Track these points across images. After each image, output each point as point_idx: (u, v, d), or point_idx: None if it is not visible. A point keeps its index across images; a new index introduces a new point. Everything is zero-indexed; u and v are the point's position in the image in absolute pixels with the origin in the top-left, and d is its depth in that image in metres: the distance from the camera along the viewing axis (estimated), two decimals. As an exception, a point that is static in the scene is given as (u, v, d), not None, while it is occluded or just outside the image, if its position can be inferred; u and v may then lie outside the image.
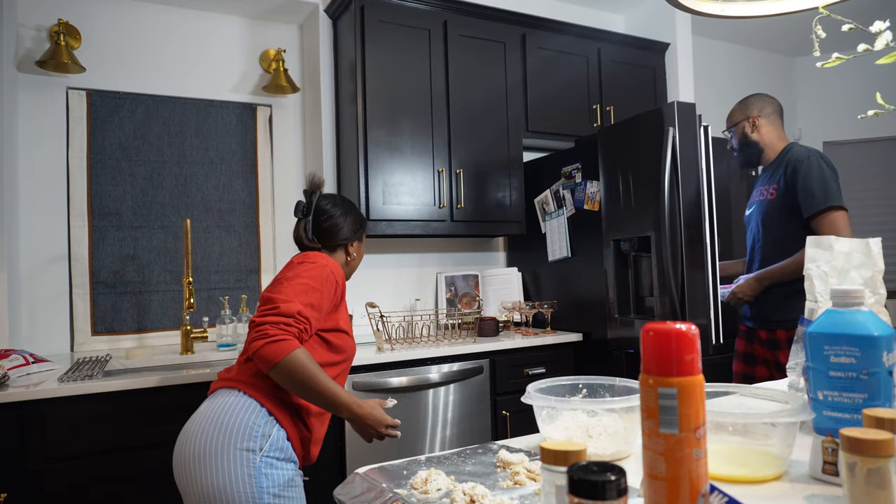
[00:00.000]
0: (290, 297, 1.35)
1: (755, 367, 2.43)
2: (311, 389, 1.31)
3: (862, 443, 0.59)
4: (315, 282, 1.41)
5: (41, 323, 2.39)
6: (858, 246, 1.09)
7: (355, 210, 1.71)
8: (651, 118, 2.33)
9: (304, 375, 1.29)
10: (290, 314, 1.32)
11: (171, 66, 2.69)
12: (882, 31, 1.04)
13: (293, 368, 1.28)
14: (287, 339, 1.28)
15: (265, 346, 1.27)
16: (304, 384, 1.30)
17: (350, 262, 1.70)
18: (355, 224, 1.68)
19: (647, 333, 0.61)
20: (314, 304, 1.39)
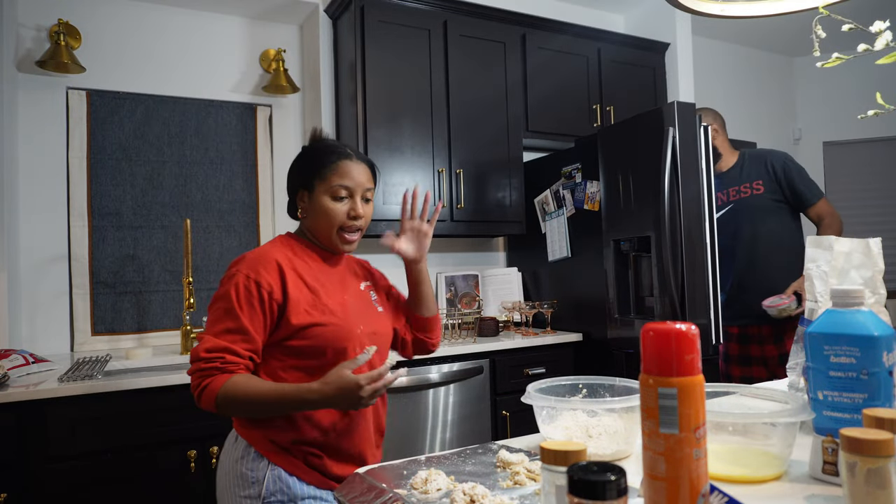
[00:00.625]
0: (205, 334, 1.19)
1: (752, 367, 2.44)
2: (262, 408, 1.14)
3: (862, 443, 0.59)
4: (225, 301, 1.18)
5: (41, 323, 2.39)
6: (858, 246, 1.09)
7: (309, 150, 1.33)
8: (651, 118, 2.33)
9: (244, 405, 1.13)
10: (198, 357, 1.16)
11: (172, 66, 2.69)
12: (882, 31, 1.04)
13: (229, 405, 1.13)
14: (207, 384, 1.13)
15: (197, 398, 1.16)
16: (251, 410, 1.15)
17: (306, 220, 1.32)
18: (299, 168, 1.33)
19: (647, 333, 0.61)
20: (232, 328, 1.17)
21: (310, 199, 1.29)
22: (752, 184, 2.45)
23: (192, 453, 1.87)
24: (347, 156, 1.29)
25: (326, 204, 1.27)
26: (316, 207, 1.28)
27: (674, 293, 2.23)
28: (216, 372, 1.14)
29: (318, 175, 1.27)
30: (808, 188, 2.41)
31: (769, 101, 4.34)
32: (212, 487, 1.91)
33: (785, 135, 4.41)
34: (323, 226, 1.28)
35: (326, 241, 1.30)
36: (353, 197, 1.28)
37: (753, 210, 2.43)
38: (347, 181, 1.27)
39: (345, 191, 1.27)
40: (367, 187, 1.31)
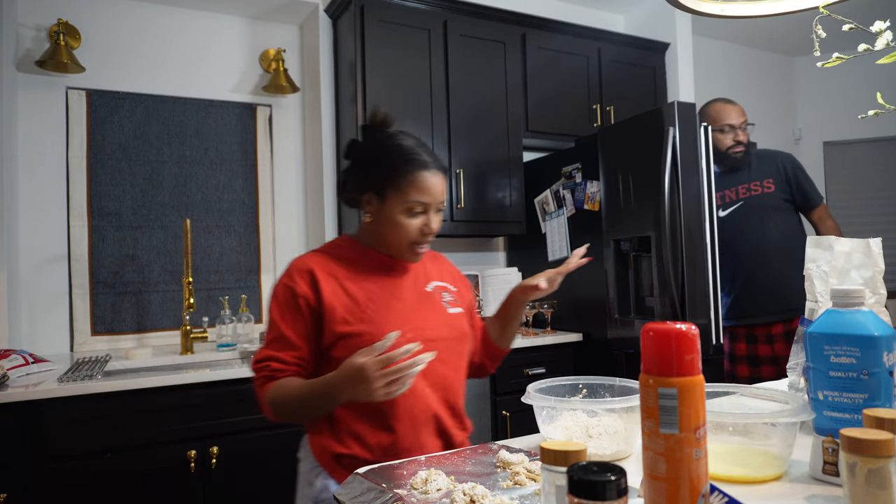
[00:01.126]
0: (266, 339, 1.21)
1: (761, 367, 2.42)
2: (302, 407, 1.11)
3: (862, 443, 0.59)
4: (271, 312, 1.19)
5: (41, 323, 2.39)
6: (858, 246, 1.09)
7: (382, 148, 1.21)
8: (651, 118, 2.33)
9: (287, 406, 1.11)
10: (251, 370, 1.19)
11: (171, 65, 2.69)
12: (882, 31, 1.04)
13: (279, 409, 1.12)
14: (260, 393, 1.15)
15: (261, 409, 1.16)
16: (296, 411, 1.12)
17: (371, 224, 1.22)
18: (368, 167, 1.21)
19: (647, 333, 0.61)
20: (276, 337, 1.17)
21: (379, 207, 1.19)
22: (763, 182, 2.44)
23: (191, 453, 1.87)
24: (426, 165, 1.17)
25: (399, 219, 1.17)
26: (386, 218, 1.19)
27: (674, 293, 2.23)
28: (265, 381, 1.15)
29: (393, 184, 1.17)
30: (814, 190, 2.44)
31: (769, 101, 4.34)
32: (211, 487, 1.91)
33: (785, 135, 4.41)
34: (392, 239, 1.20)
35: (394, 251, 1.23)
36: (428, 212, 1.19)
37: (763, 208, 2.42)
38: (425, 197, 1.17)
39: (421, 206, 1.17)
40: (441, 200, 1.21)
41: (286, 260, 2.86)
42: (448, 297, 1.29)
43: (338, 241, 1.29)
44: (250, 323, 2.54)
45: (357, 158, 1.25)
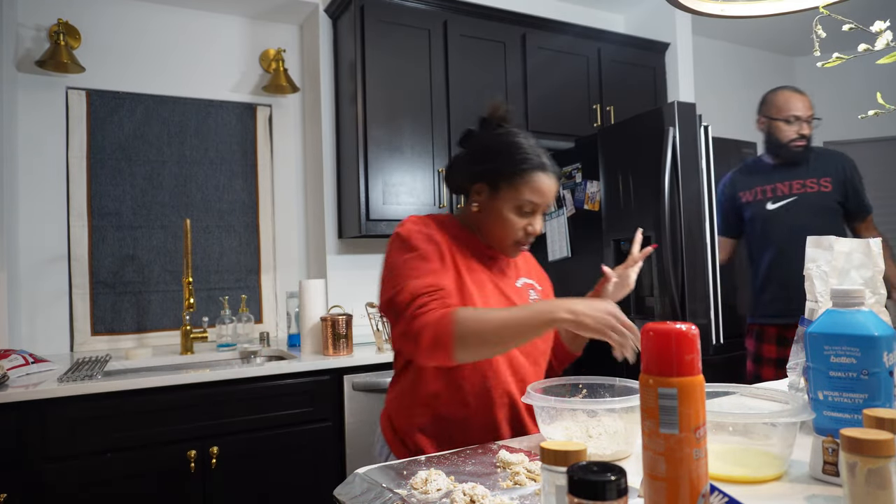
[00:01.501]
0: (402, 281, 1.09)
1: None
2: (501, 329, 1.01)
3: (862, 443, 0.59)
4: (415, 253, 1.12)
5: (41, 323, 2.39)
6: (858, 246, 1.09)
7: (502, 142, 1.20)
8: (651, 118, 2.33)
9: (482, 330, 1.01)
10: (416, 294, 1.05)
11: (171, 65, 2.69)
12: (882, 31, 1.04)
13: (467, 335, 1.00)
14: (437, 317, 1.02)
15: (418, 334, 1.02)
16: (489, 335, 1.01)
17: (477, 214, 1.22)
18: (485, 157, 1.20)
19: (647, 333, 0.61)
20: (431, 270, 1.10)
21: (489, 199, 1.20)
22: (820, 180, 2.32)
23: (191, 453, 1.87)
24: (543, 168, 1.18)
25: (508, 215, 1.18)
26: (495, 211, 1.19)
27: (674, 293, 2.23)
28: (438, 305, 1.05)
29: (508, 179, 1.17)
30: (867, 199, 2.38)
31: (769, 101, 4.34)
32: (211, 487, 1.91)
33: (785, 135, 4.41)
34: (497, 233, 1.20)
35: (495, 244, 1.23)
36: (536, 213, 1.20)
37: (816, 208, 2.30)
38: (538, 197, 1.17)
39: (531, 206, 1.18)
40: (550, 203, 1.22)
41: (286, 260, 2.87)
42: (534, 295, 1.30)
43: (444, 218, 1.25)
44: (250, 323, 2.54)
45: (473, 148, 1.25)
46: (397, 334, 1.08)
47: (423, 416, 1.17)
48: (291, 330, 2.47)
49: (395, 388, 1.25)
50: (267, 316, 2.81)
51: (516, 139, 1.20)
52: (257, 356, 2.25)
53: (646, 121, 2.36)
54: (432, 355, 1.03)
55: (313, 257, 2.88)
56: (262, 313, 2.81)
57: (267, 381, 2.01)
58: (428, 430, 1.17)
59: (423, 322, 1.03)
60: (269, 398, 2.01)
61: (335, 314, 2.21)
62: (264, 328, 2.78)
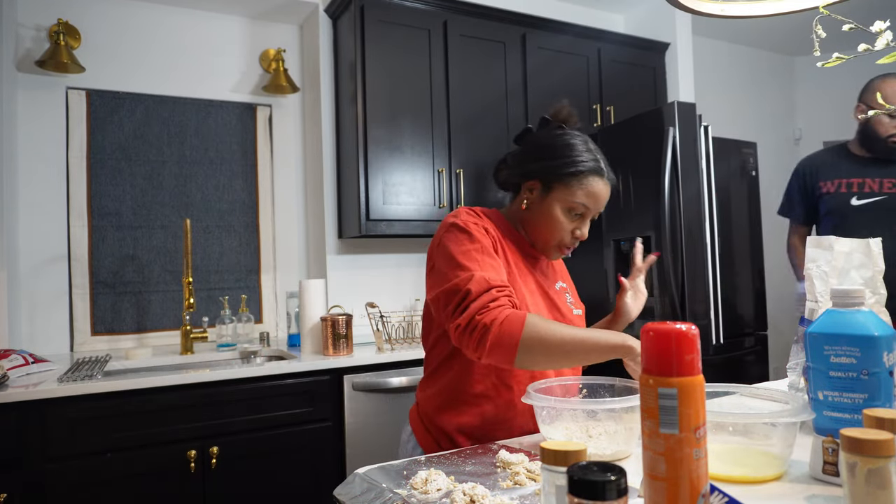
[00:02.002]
0: (467, 265, 1.05)
1: None
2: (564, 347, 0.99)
3: (862, 443, 0.59)
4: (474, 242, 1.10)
5: (41, 323, 2.39)
6: (858, 246, 1.09)
7: (563, 140, 1.19)
8: (651, 118, 2.33)
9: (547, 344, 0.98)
10: (486, 287, 1.02)
11: (171, 65, 2.69)
12: (882, 31, 1.04)
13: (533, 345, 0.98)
14: (505, 317, 0.99)
15: (482, 335, 0.99)
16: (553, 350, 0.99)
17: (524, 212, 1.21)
18: (544, 154, 1.19)
19: (647, 333, 0.61)
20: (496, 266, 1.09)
21: (541, 197, 1.18)
22: None
23: (191, 453, 1.87)
24: (600, 172, 1.17)
25: (557, 214, 1.16)
26: (545, 210, 1.17)
27: (674, 293, 2.23)
28: (508, 304, 1.03)
29: (563, 178, 1.15)
30: None
31: (769, 101, 4.34)
32: (211, 487, 1.91)
33: (785, 135, 4.41)
34: (543, 233, 1.19)
35: (539, 244, 1.21)
36: (586, 217, 1.19)
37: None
38: (590, 202, 1.16)
39: (583, 210, 1.17)
40: (601, 210, 1.21)
41: (286, 260, 2.87)
42: (570, 299, 1.30)
43: (491, 213, 1.23)
44: (250, 323, 2.54)
45: (529, 146, 1.24)
46: (458, 325, 1.02)
47: (466, 415, 1.13)
48: (291, 330, 2.47)
49: (432, 385, 1.19)
50: (267, 316, 2.81)
51: (575, 140, 1.19)
52: (257, 356, 2.25)
53: (646, 121, 2.36)
54: (492, 353, 0.99)
55: (313, 257, 2.88)
56: (262, 313, 2.81)
57: (267, 381, 2.01)
58: (470, 430, 1.14)
59: (492, 317, 0.99)
60: (269, 398, 2.01)
61: (335, 314, 2.21)
62: (264, 328, 2.78)
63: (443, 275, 1.09)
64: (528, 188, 1.20)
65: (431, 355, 1.22)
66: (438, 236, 1.15)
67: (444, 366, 1.18)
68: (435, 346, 1.20)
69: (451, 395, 1.16)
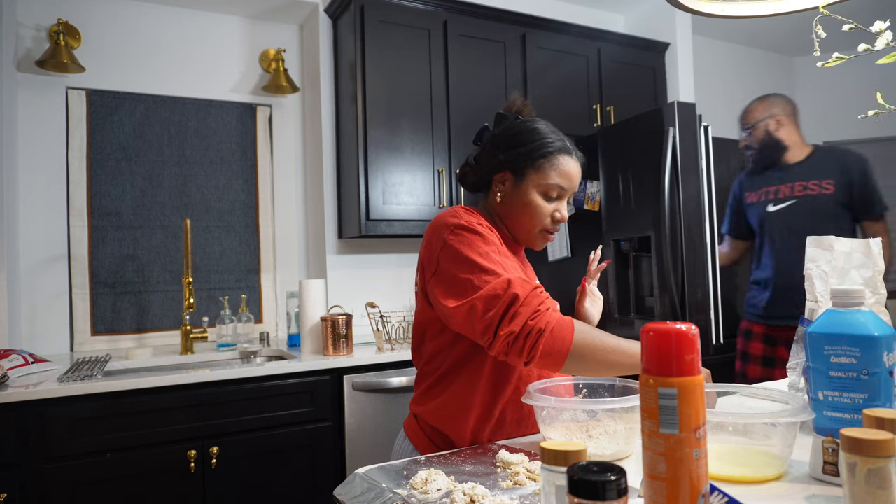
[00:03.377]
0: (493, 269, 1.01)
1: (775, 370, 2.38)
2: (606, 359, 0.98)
3: (862, 443, 0.59)
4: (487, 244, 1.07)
5: (41, 323, 2.39)
6: (859, 246, 1.09)
7: (523, 127, 1.19)
8: (651, 118, 2.33)
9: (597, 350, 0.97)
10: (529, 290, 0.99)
11: (171, 65, 2.69)
12: (882, 31, 1.04)
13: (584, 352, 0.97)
14: (554, 323, 0.96)
15: (534, 341, 0.95)
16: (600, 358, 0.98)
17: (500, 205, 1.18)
18: (508, 144, 1.17)
19: (647, 333, 0.61)
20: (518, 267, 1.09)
21: (514, 186, 1.15)
22: (822, 182, 2.28)
23: (191, 453, 1.87)
24: (569, 151, 1.16)
25: (535, 199, 1.14)
26: (520, 198, 1.15)
27: (674, 293, 2.23)
28: (553, 305, 1.00)
29: (533, 163, 1.13)
30: (879, 200, 2.27)
31: (769, 101, 4.34)
32: (211, 487, 1.91)
33: (785, 135, 4.41)
34: (524, 222, 1.16)
35: (522, 235, 1.18)
36: (563, 198, 1.17)
37: (817, 209, 2.26)
38: (564, 181, 1.15)
39: (558, 191, 1.15)
40: (575, 190, 1.19)
41: (286, 260, 2.87)
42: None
43: (475, 210, 1.19)
44: (250, 323, 2.54)
45: (493, 141, 1.21)
46: (511, 332, 0.96)
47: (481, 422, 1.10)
48: (291, 330, 2.47)
49: (434, 398, 1.13)
50: (267, 316, 2.81)
51: (538, 125, 1.18)
52: (257, 356, 2.25)
53: (646, 121, 2.36)
54: (543, 359, 0.96)
55: (313, 257, 2.88)
56: (262, 313, 2.81)
57: (267, 381, 2.01)
58: (490, 435, 1.11)
59: (546, 320, 0.96)
60: (269, 398, 2.01)
61: (335, 314, 2.21)
62: (264, 328, 2.78)
63: (463, 281, 1.02)
64: (500, 181, 1.18)
65: (429, 367, 1.16)
66: (440, 238, 1.09)
67: (447, 378, 1.12)
68: (433, 359, 1.14)
69: (461, 405, 1.10)
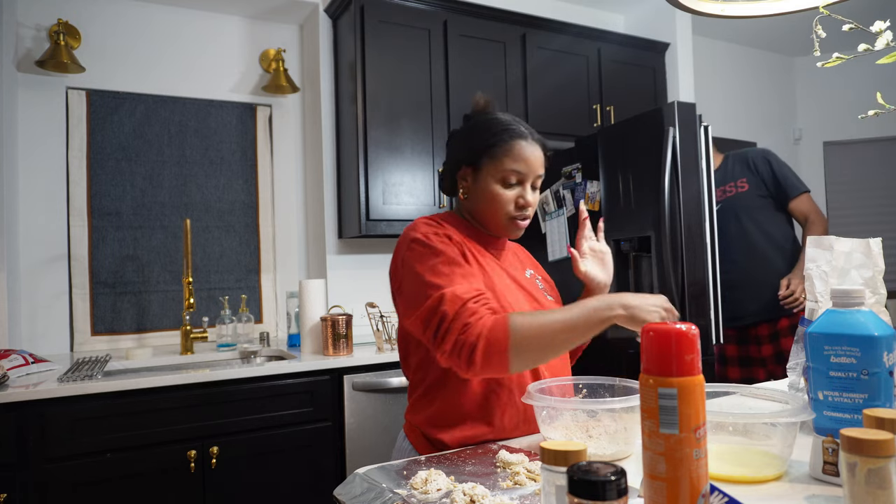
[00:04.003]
0: (439, 282, 1.03)
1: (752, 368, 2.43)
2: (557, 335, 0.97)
3: (862, 443, 0.59)
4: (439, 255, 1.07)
5: (41, 323, 2.39)
6: (859, 246, 1.09)
7: (479, 122, 1.20)
8: (651, 118, 2.33)
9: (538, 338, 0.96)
10: (461, 302, 1.00)
11: (171, 65, 2.69)
12: (882, 31, 1.04)
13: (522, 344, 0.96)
14: (489, 326, 0.97)
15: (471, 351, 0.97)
16: (545, 342, 0.97)
17: (467, 202, 1.20)
18: (465, 140, 1.20)
19: (647, 333, 0.61)
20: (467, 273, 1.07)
21: (474, 180, 1.17)
22: (737, 182, 2.48)
23: (191, 453, 1.87)
24: (523, 136, 1.16)
25: (494, 189, 1.15)
26: (481, 190, 1.16)
27: (674, 293, 2.22)
28: (487, 312, 0.99)
29: (489, 153, 1.15)
30: (788, 180, 2.43)
31: (769, 101, 4.34)
32: (211, 487, 1.91)
33: (785, 135, 4.41)
34: (489, 212, 1.16)
35: (494, 227, 1.18)
36: (524, 184, 1.16)
37: (739, 208, 2.45)
38: (521, 166, 1.14)
39: (516, 176, 1.14)
40: (539, 173, 1.17)
41: (286, 260, 2.87)
42: (542, 286, 1.27)
43: (447, 217, 1.22)
44: (250, 323, 2.54)
45: (453, 140, 1.24)
46: (444, 351, 0.99)
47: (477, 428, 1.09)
48: (291, 330, 2.47)
49: (427, 407, 1.14)
50: (267, 316, 2.81)
51: (494, 116, 1.19)
52: (257, 356, 2.25)
53: (646, 121, 2.36)
54: (485, 368, 0.97)
55: (313, 257, 2.88)
56: (262, 313, 2.81)
57: (267, 381, 2.01)
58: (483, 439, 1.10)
59: (477, 331, 0.97)
60: (269, 398, 2.01)
61: (335, 314, 2.21)
62: (264, 328, 2.78)
63: (413, 297, 1.06)
64: (462, 177, 1.20)
65: (417, 377, 1.17)
66: (401, 254, 1.11)
67: (435, 387, 1.13)
68: (420, 369, 1.16)
69: (454, 413, 1.10)
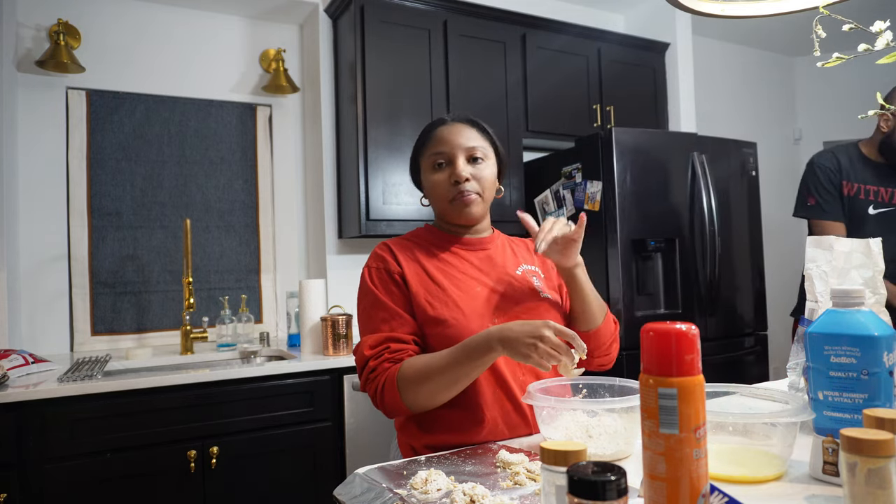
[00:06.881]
0: (362, 336, 1.16)
1: None
2: (441, 379, 1.02)
3: (862, 443, 0.59)
4: (368, 296, 1.17)
5: (41, 323, 2.39)
6: (859, 246, 1.09)
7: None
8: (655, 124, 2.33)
9: (423, 383, 1.03)
10: (364, 359, 1.11)
11: (171, 66, 2.69)
12: (882, 31, 1.04)
13: (409, 390, 1.04)
14: (383, 381, 1.07)
15: (380, 401, 1.08)
16: (432, 387, 1.03)
17: (431, 207, 1.27)
18: (411, 155, 1.30)
19: (647, 333, 0.61)
20: (386, 317, 1.13)
21: (422, 182, 1.25)
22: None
23: (191, 453, 1.87)
24: (441, 122, 1.23)
25: (429, 178, 1.21)
26: (426, 189, 1.23)
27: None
28: (388, 364, 1.08)
29: (420, 152, 1.24)
30: None
31: (769, 101, 4.34)
32: (211, 487, 1.91)
33: (785, 135, 4.41)
34: (438, 204, 1.22)
35: (448, 216, 1.22)
36: (454, 161, 1.18)
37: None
38: (441, 146, 1.19)
39: (441, 157, 1.18)
40: (470, 146, 1.18)
41: (286, 260, 2.87)
42: (538, 282, 1.25)
43: (417, 230, 1.29)
44: (250, 323, 2.54)
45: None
46: (369, 395, 1.13)
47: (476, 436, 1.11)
48: (291, 330, 2.47)
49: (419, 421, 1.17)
50: (267, 316, 2.81)
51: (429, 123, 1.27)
52: (257, 356, 2.25)
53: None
54: (396, 413, 1.11)
55: (313, 257, 2.88)
56: (262, 313, 2.81)
57: (267, 381, 2.01)
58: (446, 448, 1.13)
59: (374, 388, 1.09)
60: (269, 398, 2.01)
61: (335, 314, 2.21)
62: (264, 328, 2.78)
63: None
64: (417, 185, 1.30)
65: None
66: None
67: None
68: None
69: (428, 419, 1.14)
